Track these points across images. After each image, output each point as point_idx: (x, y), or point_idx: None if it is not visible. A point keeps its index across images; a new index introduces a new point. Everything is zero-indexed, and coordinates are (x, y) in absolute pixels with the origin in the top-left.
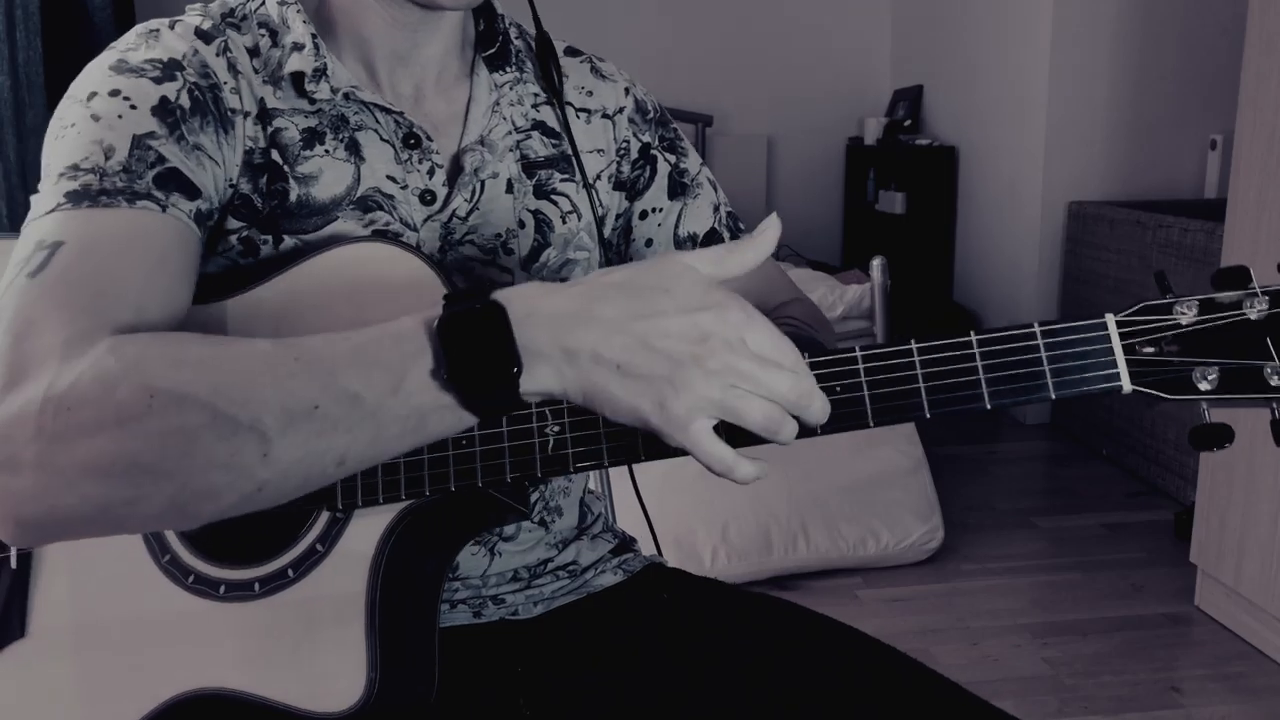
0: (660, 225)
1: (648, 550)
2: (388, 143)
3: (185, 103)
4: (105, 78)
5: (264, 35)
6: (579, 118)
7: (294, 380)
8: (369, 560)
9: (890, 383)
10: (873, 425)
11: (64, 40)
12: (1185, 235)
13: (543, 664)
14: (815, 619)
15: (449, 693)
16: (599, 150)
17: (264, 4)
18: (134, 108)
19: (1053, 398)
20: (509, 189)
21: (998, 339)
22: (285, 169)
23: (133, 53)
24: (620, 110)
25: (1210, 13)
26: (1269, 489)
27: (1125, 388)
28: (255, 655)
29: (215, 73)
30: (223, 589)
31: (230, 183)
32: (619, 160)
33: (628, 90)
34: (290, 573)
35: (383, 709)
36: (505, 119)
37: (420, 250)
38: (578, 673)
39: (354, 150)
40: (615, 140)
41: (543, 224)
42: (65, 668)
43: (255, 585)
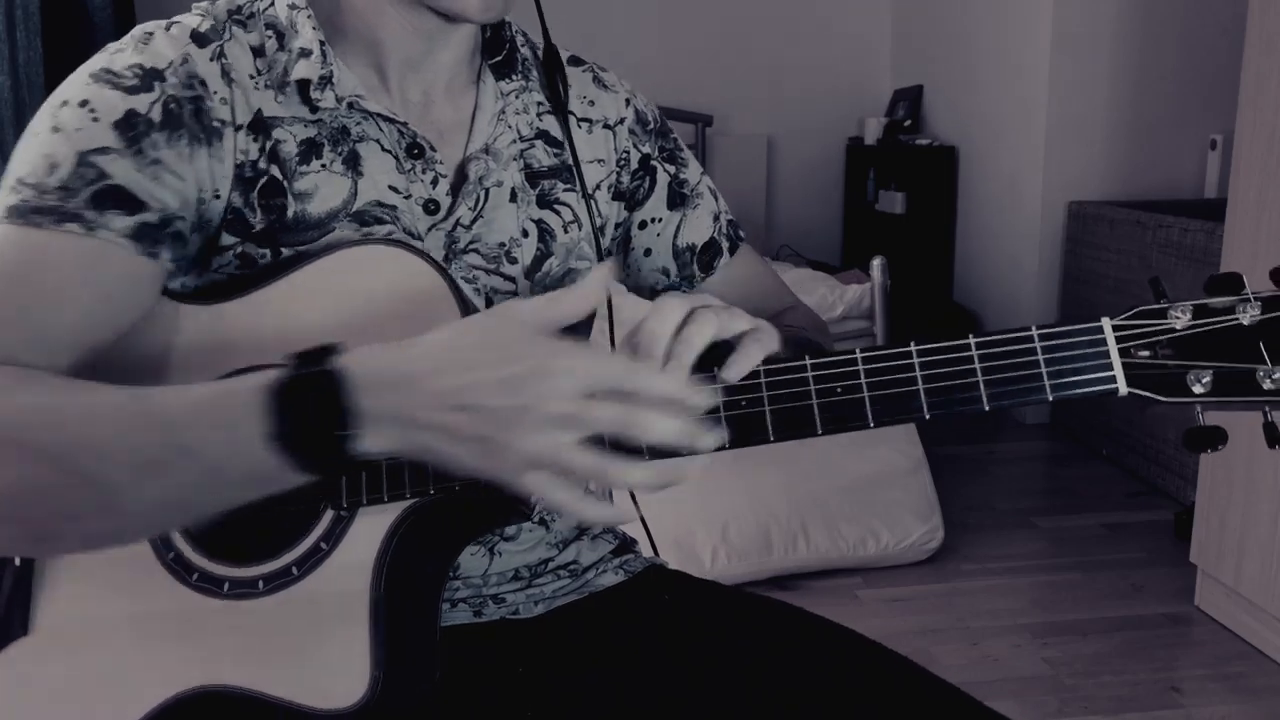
0: (659, 235)
1: (648, 553)
2: (389, 153)
3: (156, 116)
4: (82, 86)
5: (271, 37)
6: (580, 127)
7: (137, 435)
8: (373, 558)
9: (890, 384)
10: (873, 426)
11: (64, 40)
12: (1185, 235)
13: (543, 663)
14: (814, 621)
15: (450, 691)
16: (599, 160)
17: (273, 4)
18: (96, 120)
19: (1050, 400)
20: (513, 198)
21: (996, 342)
22: (285, 184)
23: (120, 56)
24: (621, 121)
25: (1210, 13)
26: (1269, 489)
27: (1121, 390)
28: (259, 652)
29: (204, 82)
30: (227, 586)
31: (215, 194)
32: (619, 170)
33: (629, 101)
34: (295, 571)
35: (385, 707)
36: (510, 127)
37: (427, 254)
38: (578, 672)
39: (352, 164)
40: (616, 150)
41: (545, 233)
42: (68, 666)
43: (260, 583)
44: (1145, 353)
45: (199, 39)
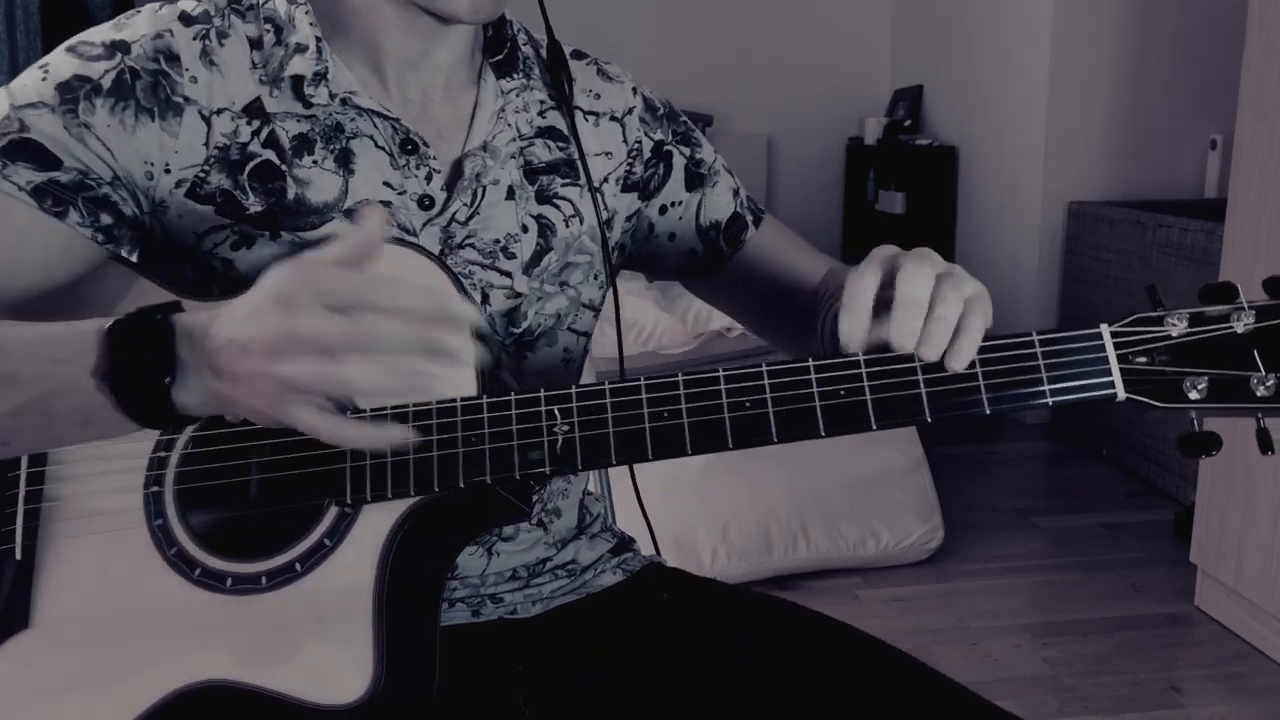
0: (681, 219)
1: (647, 550)
2: (383, 149)
3: (106, 83)
4: (55, 53)
5: (269, 30)
6: (586, 120)
7: None
8: (377, 555)
9: (892, 387)
10: (875, 428)
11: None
12: (1185, 235)
13: (542, 663)
14: (815, 618)
15: (448, 691)
16: (607, 153)
17: None
18: (44, 80)
19: (1050, 404)
20: (510, 195)
21: (997, 346)
22: (284, 169)
23: (102, 29)
24: (630, 111)
25: (1210, 13)
26: (1269, 489)
27: (1119, 395)
28: (261, 648)
29: (176, 58)
30: (230, 582)
31: (166, 169)
32: (631, 161)
33: (635, 90)
34: (298, 567)
35: (384, 704)
36: (510, 125)
37: (428, 250)
38: (577, 672)
39: (344, 162)
40: (627, 142)
41: (545, 229)
42: (69, 660)
43: (263, 579)
44: (1143, 359)
45: (186, 19)
